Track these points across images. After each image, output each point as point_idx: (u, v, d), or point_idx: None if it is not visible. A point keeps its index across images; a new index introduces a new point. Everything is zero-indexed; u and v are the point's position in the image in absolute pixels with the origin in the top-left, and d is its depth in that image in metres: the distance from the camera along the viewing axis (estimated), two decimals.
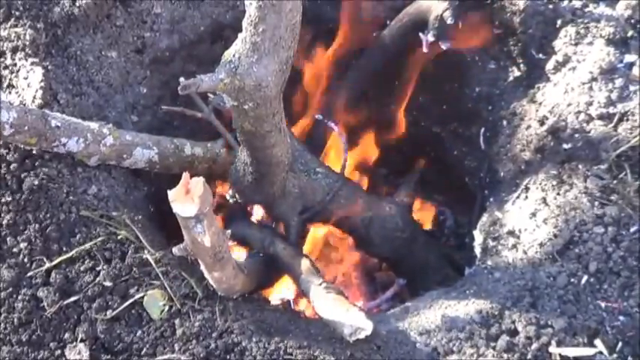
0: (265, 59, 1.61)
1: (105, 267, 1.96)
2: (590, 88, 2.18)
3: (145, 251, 2.00)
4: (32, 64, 2.29)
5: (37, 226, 2.00)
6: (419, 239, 2.69)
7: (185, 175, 1.55)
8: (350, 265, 2.95)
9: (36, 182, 2.04)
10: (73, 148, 2.07)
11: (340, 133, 2.65)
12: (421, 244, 2.70)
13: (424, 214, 3.07)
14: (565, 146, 2.16)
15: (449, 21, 2.40)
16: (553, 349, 1.77)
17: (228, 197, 2.30)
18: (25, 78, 2.27)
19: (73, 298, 1.92)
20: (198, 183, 1.54)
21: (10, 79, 2.29)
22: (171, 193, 1.55)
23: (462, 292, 2.03)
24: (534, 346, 1.78)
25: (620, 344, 1.78)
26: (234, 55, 1.63)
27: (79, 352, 1.85)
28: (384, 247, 2.62)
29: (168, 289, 1.93)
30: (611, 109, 2.12)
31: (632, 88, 2.14)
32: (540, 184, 2.16)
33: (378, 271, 2.97)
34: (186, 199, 1.53)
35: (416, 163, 3.05)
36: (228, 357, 1.82)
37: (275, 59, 1.62)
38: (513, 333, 1.83)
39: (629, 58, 2.21)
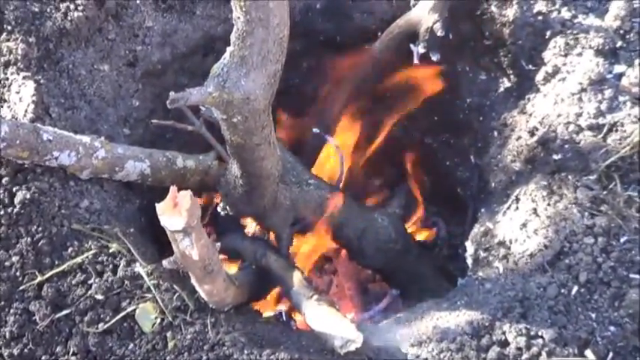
0: (253, 73, 1.62)
1: (97, 280, 1.96)
2: (580, 99, 2.19)
3: (137, 264, 2.00)
4: (24, 78, 2.29)
5: (29, 239, 2.00)
6: (412, 250, 2.70)
7: (173, 188, 1.55)
8: (343, 277, 2.95)
9: (28, 196, 2.04)
10: (65, 161, 2.07)
11: (337, 147, 2.65)
12: (414, 255, 2.71)
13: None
14: (555, 157, 2.16)
15: (439, 33, 2.41)
16: (544, 359, 1.77)
17: (219, 209, 2.30)
18: (17, 92, 2.27)
19: (64, 312, 1.92)
20: (185, 196, 1.53)
21: (2, 94, 2.28)
22: (160, 207, 1.55)
23: (453, 303, 2.03)
24: (525, 356, 1.78)
25: (610, 354, 1.77)
26: (222, 69, 1.63)
27: None
28: (377, 258, 2.63)
29: (160, 301, 1.93)
30: (600, 120, 2.12)
31: (621, 98, 2.14)
32: (531, 194, 2.16)
33: (372, 283, 2.98)
34: (174, 212, 1.53)
35: (408, 174, 3.06)
36: None
37: (263, 73, 1.63)
38: (504, 344, 1.83)
39: (619, 68, 2.21)
